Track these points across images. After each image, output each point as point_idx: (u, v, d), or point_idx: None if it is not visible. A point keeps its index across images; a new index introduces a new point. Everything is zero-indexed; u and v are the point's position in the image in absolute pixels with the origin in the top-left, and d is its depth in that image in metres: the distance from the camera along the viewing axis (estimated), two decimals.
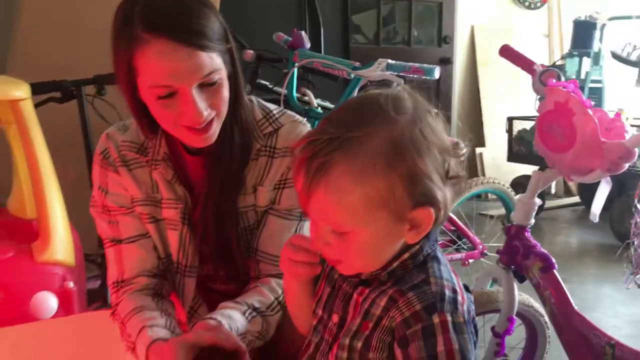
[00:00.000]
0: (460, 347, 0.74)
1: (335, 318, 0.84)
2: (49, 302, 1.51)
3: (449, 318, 0.75)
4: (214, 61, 0.98)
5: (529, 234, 1.44)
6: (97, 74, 2.06)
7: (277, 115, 1.16)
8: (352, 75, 1.83)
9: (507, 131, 3.87)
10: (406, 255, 0.80)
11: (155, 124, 1.07)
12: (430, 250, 0.81)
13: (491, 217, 3.44)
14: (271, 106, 1.18)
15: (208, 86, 0.99)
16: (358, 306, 0.81)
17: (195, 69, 0.96)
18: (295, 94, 2.05)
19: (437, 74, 1.65)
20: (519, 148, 3.82)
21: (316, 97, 2.24)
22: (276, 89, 2.19)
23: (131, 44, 0.96)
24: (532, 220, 1.44)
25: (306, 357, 0.88)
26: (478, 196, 3.70)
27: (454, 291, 0.78)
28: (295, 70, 1.99)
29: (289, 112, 1.18)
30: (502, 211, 3.03)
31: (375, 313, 0.78)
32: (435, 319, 0.74)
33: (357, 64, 1.86)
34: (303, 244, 0.84)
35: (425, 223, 0.76)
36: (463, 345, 0.74)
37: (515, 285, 1.46)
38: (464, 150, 0.80)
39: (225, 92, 1.03)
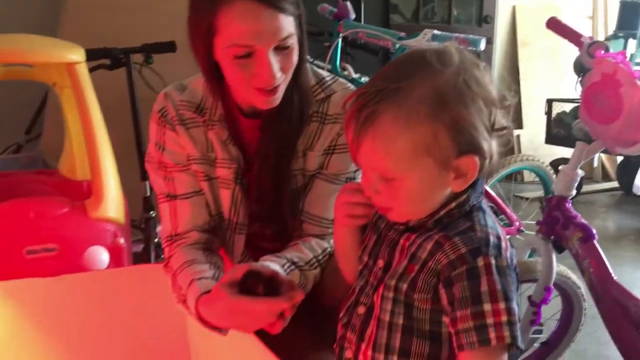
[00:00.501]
0: (503, 288, 0.77)
1: (380, 263, 0.88)
2: (101, 256, 1.59)
3: (493, 261, 0.78)
4: (290, 25, 1.03)
5: (570, 205, 1.45)
6: (145, 42, 2.12)
7: (329, 82, 1.19)
8: (397, 46, 1.85)
9: (546, 113, 3.82)
10: (453, 205, 0.83)
11: (218, 85, 1.12)
12: (476, 202, 0.84)
13: (527, 199, 3.43)
14: (324, 73, 1.21)
15: (282, 49, 1.04)
16: (404, 250, 0.85)
17: (275, 31, 1.01)
18: (338, 66, 2.08)
19: (482, 45, 1.66)
20: (558, 130, 3.77)
21: (355, 72, 2.25)
22: (317, 62, 2.22)
23: (215, 3, 1.00)
24: (574, 192, 1.45)
25: (351, 300, 0.92)
26: (515, 178, 3.69)
27: (498, 238, 0.81)
28: (340, 41, 2.01)
29: (341, 79, 1.22)
30: (538, 193, 3.02)
31: (421, 256, 0.82)
32: (480, 262, 0.78)
33: (403, 34, 1.88)
34: (359, 188, 0.87)
35: (470, 171, 0.79)
36: (506, 287, 0.77)
37: (554, 256, 1.48)
38: (511, 102, 0.82)
39: (295, 57, 1.07)
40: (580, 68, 2.17)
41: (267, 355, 1.02)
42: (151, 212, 2.15)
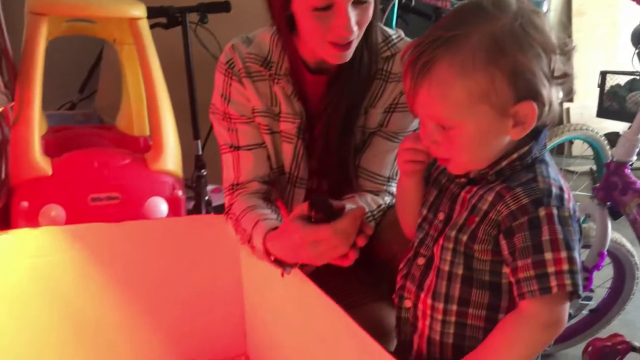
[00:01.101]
0: (565, 238, 0.77)
1: (441, 216, 0.89)
2: (161, 206, 1.65)
3: (555, 211, 0.78)
4: None
5: (629, 171, 1.44)
6: (201, 1, 2.14)
7: (395, 41, 1.19)
8: (456, 5, 1.83)
9: (599, 86, 3.70)
10: (514, 156, 0.83)
11: (288, 38, 1.13)
12: (539, 154, 0.84)
13: (576, 173, 3.37)
14: (390, 31, 1.21)
15: (360, 4, 1.04)
16: (465, 202, 0.86)
17: None
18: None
19: (545, 6, 1.62)
20: (611, 104, 3.65)
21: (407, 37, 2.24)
22: None
23: None
24: (634, 157, 1.43)
25: (410, 252, 0.94)
26: (563, 152, 3.61)
27: (561, 189, 0.81)
28: (396, 3, 2.00)
29: (407, 38, 1.21)
30: (587, 168, 2.96)
31: (482, 208, 0.83)
32: (541, 212, 0.78)
33: None
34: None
35: (529, 118, 0.79)
36: (568, 237, 0.78)
37: (609, 222, 1.47)
38: (571, 48, 0.81)
39: (371, 13, 1.08)
40: (639, 39, 2.11)
41: (323, 299, 1.06)
42: (202, 171, 2.19)
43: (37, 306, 1.40)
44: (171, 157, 1.73)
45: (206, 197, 2.21)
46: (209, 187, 2.27)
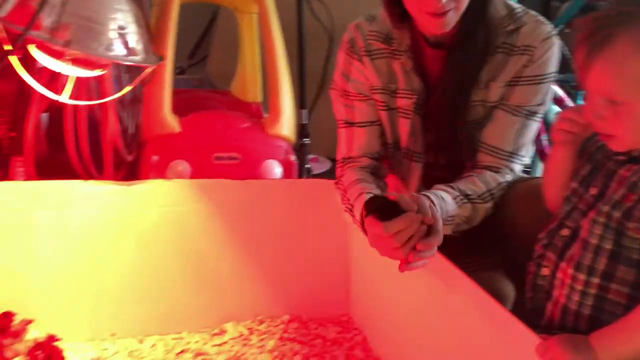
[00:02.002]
0: None
1: (593, 191, 0.91)
2: (276, 169, 1.75)
3: None
4: None
5: None
6: None
7: (520, 14, 1.20)
8: None
9: None
10: None
11: (404, 14, 1.18)
12: None
13: None
14: (515, 5, 1.23)
15: None
16: (624, 180, 0.87)
17: None
18: None
19: None
20: None
21: None
22: None
23: None
24: None
25: (554, 224, 0.96)
26: None
27: None
28: None
29: (532, 11, 1.22)
30: None
31: None
32: None
33: None
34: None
35: None
36: None
37: None
38: None
39: None
40: None
41: (442, 262, 1.11)
42: (305, 139, 2.28)
43: (164, 250, 1.54)
44: (286, 123, 1.83)
45: (307, 165, 2.31)
46: (310, 156, 2.36)
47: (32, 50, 1.26)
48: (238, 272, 1.56)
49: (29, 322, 1.37)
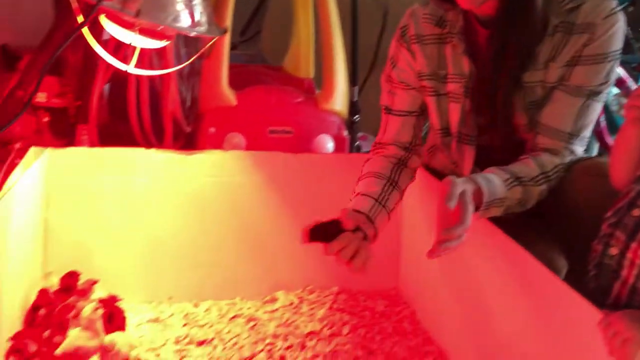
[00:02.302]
0: None
1: None
2: (328, 144, 1.78)
3: None
4: None
5: None
6: None
7: None
8: None
9: None
10: None
11: None
12: None
13: None
14: None
15: None
16: None
17: None
18: None
19: None
20: None
21: None
22: None
23: None
24: None
25: (623, 202, 0.95)
26: None
27: None
28: None
29: None
30: None
31: None
32: None
33: None
34: None
35: None
36: None
37: None
38: None
39: None
40: None
41: (499, 236, 1.12)
42: (356, 117, 2.29)
43: (219, 218, 1.59)
44: (340, 99, 1.85)
45: (356, 143, 2.32)
46: (360, 134, 2.37)
47: (103, 20, 1.31)
48: (290, 242, 1.59)
49: (94, 282, 1.44)
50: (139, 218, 1.55)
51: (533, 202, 1.17)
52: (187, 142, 1.75)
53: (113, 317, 1.38)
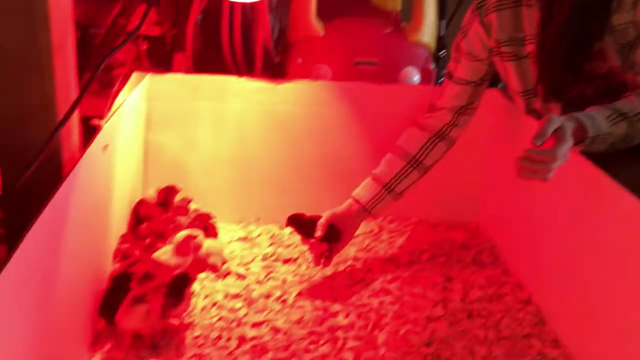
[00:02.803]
0: None
1: None
2: (414, 76, 1.77)
3: None
4: None
5: None
6: None
7: None
8: None
9: None
10: None
11: None
12: None
13: None
14: None
15: None
16: None
17: None
18: None
19: None
20: None
21: None
22: None
23: None
24: None
25: None
26: None
27: None
28: None
29: None
30: None
31: None
32: None
33: None
34: None
35: None
36: None
37: None
38: None
39: None
40: None
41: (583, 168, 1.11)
42: (442, 52, 2.25)
43: (305, 145, 1.65)
44: (427, 31, 1.83)
45: (441, 79, 2.29)
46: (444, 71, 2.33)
47: None
48: (371, 171, 1.62)
49: (189, 200, 1.55)
50: (230, 142, 1.64)
51: (638, 139, 1.14)
52: (276, 71, 1.80)
53: (208, 231, 1.49)
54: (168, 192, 1.55)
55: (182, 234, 1.36)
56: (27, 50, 1.02)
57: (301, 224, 1.41)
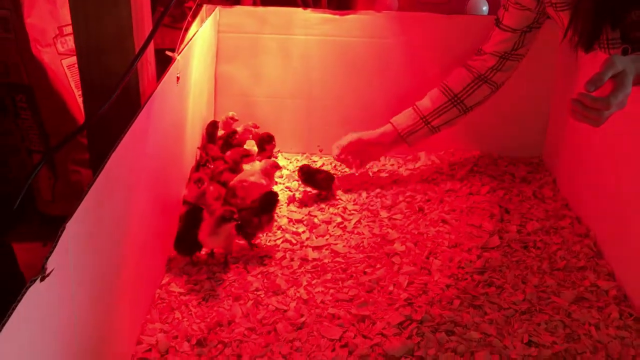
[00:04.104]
0: None
1: None
2: (483, 6, 1.72)
3: None
4: None
5: None
6: None
7: None
8: None
9: None
10: None
11: None
12: None
13: None
14: None
15: None
16: None
17: None
18: None
19: None
20: None
21: None
22: None
23: None
24: None
25: None
26: None
27: None
28: None
29: None
30: None
31: None
32: None
33: None
34: None
35: None
36: None
37: None
38: None
39: None
40: None
41: None
42: None
43: (368, 78, 1.66)
44: None
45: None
46: None
47: None
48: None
49: (257, 126, 1.64)
50: (295, 74, 1.68)
51: None
52: (341, 3, 1.80)
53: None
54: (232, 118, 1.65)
55: (268, 161, 1.48)
56: None
57: (310, 174, 1.49)
